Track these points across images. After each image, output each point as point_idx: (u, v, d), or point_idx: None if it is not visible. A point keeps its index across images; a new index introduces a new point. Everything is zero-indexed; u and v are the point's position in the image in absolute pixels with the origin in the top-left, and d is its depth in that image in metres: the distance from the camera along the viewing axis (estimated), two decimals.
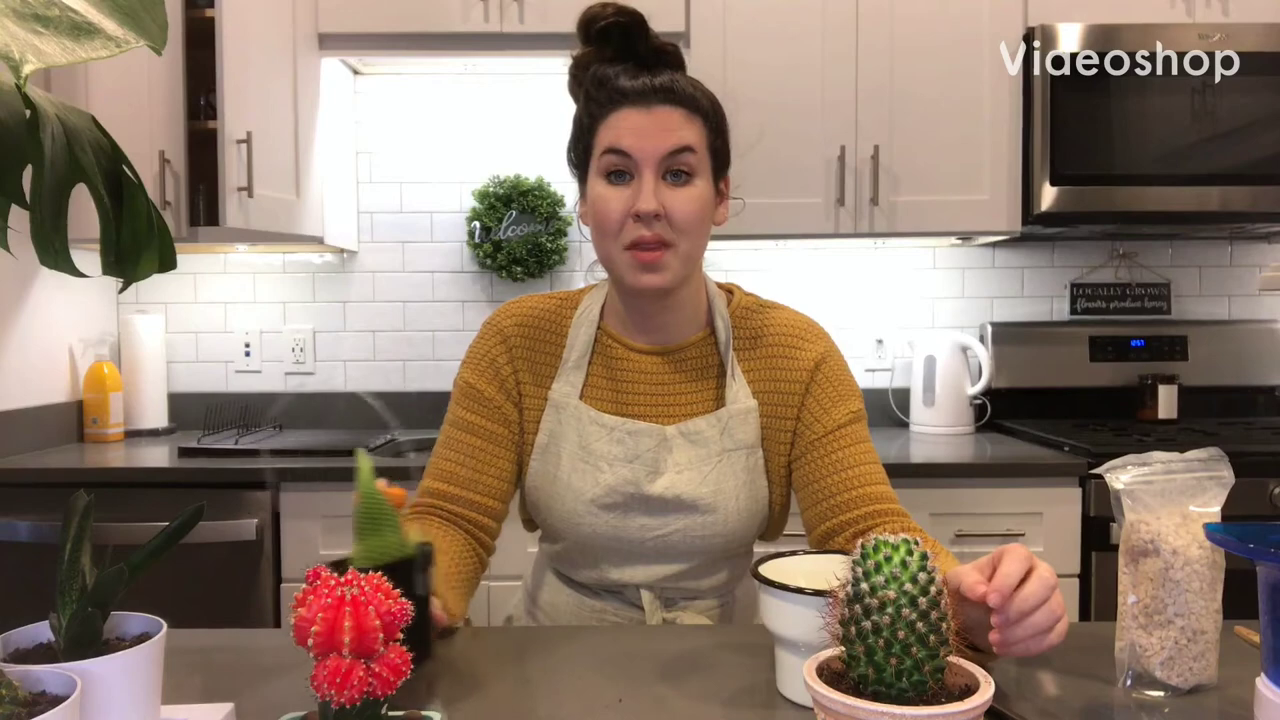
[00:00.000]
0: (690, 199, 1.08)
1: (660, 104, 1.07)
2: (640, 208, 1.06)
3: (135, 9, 0.61)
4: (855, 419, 1.14)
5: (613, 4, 1.09)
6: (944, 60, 2.33)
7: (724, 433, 1.13)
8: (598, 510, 1.12)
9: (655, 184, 1.06)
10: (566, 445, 1.14)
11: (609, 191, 1.08)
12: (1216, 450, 0.84)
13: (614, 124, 1.08)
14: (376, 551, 0.80)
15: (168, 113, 2.25)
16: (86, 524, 0.69)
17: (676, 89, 1.08)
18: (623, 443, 1.13)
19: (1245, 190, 2.28)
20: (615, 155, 1.07)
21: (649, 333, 1.17)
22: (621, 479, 1.12)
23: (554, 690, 0.86)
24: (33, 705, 0.59)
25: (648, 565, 1.15)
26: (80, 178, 0.61)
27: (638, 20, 1.09)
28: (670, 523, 1.12)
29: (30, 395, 2.32)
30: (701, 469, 1.12)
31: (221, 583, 2.07)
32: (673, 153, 1.07)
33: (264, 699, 0.83)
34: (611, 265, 1.12)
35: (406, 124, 2.70)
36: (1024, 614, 0.75)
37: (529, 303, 1.22)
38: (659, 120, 1.07)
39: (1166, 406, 2.53)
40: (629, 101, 1.07)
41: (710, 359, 1.17)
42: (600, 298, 1.21)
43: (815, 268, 2.72)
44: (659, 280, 1.08)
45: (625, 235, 1.07)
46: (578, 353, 1.17)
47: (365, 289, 2.72)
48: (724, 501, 1.12)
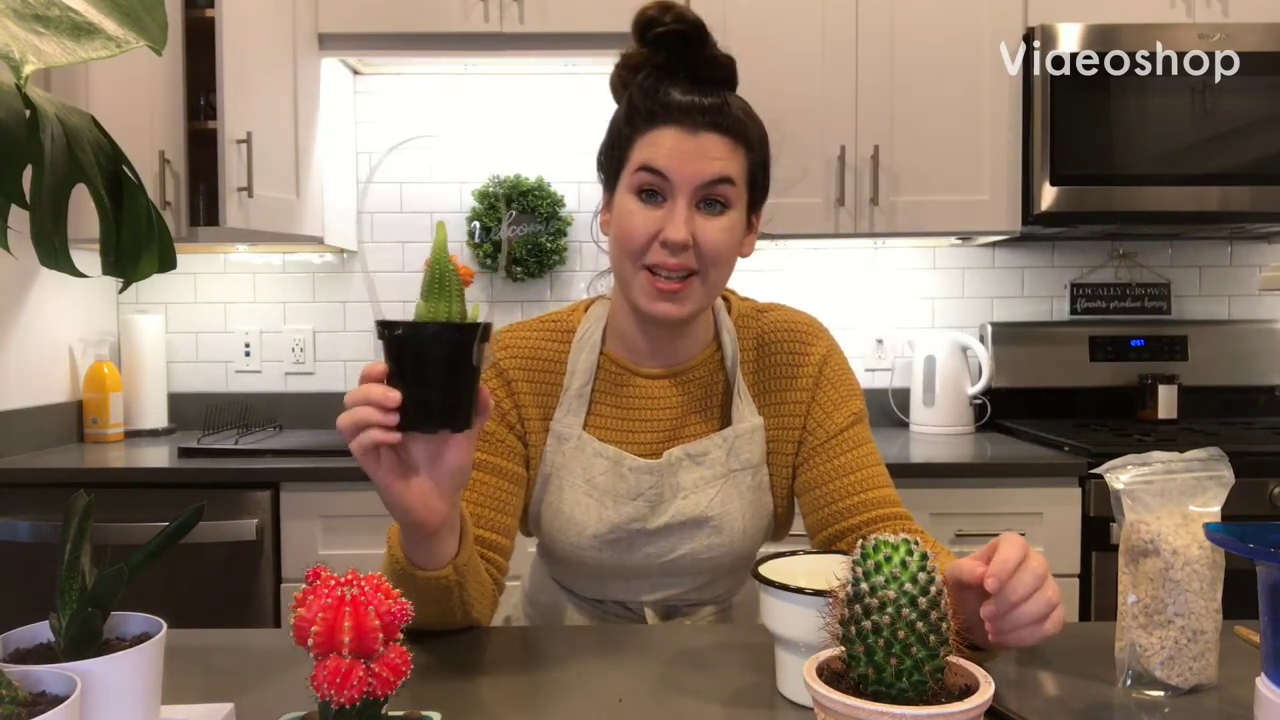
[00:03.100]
0: (721, 230, 1.03)
1: (707, 129, 1.02)
2: (669, 236, 1.01)
3: (135, 9, 0.61)
4: (857, 420, 1.13)
5: (674, 9, 1.03)
6: (944, 60, 2.33)
7: (730, 453, 1.11)
8: (601, 545, 1.10)
9: (688, 212, 1.02)
10: (569, 477, 1.11)
11: (638, 209, 1.03)
12: (1216, 450, 0.84)
13: (654, 140, 1.03)
14: (441, 314, 0.78)
15: (168, 113, 2.25)
16: (86, 524, 0.69)
17: (726, 114, 1.03)
18: (625, 479, 1.10)
19: (1245, 190, 2.28)
20: (650, 174, 1.02)
21: (656, 356, 1.14)
22: (626, 517, 1.09)
23: (554, 690, 0.86)
24: (33, 705, 0.59)
25: (652, 586, 1.14)
26: (80, 178, 0.61)
27: (698, 29, 1.03)
28: (677, 547, 1.11)
29: (30, 395, 2.32)
30: (707, 491, 1.10)
31: (221, 583, 2.07)
32: (710, 182, 1.02)
33: (264, 699, 0.83)
34: (627, 284, 1.07)
35: (406, 124, 2.70)
36: (1015, 602, 0.75)
37: (520, 333, 1.16)
38: (702, 146, 1.02)
39: (1166, 406, 2.53)
40: (674, 119, 1.02)
41: (716, 377, 1.15)
42: (600, 319, 1.16)
43: (815, 268, 2.72)
44: (677, 311, 1.04)
45: (648, 257, 1.03)
46: (580, 380, 1.13)
47: (365, 289, 2.72)
48: (730, 522, 1.11)
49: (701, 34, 1.03)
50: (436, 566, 0.91)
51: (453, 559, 0.92)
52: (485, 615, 1.03)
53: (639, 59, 1.06)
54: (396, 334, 0.78)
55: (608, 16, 2.29)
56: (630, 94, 1.06)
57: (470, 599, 0.97)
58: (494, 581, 1.06)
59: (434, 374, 0.78)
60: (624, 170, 1.06)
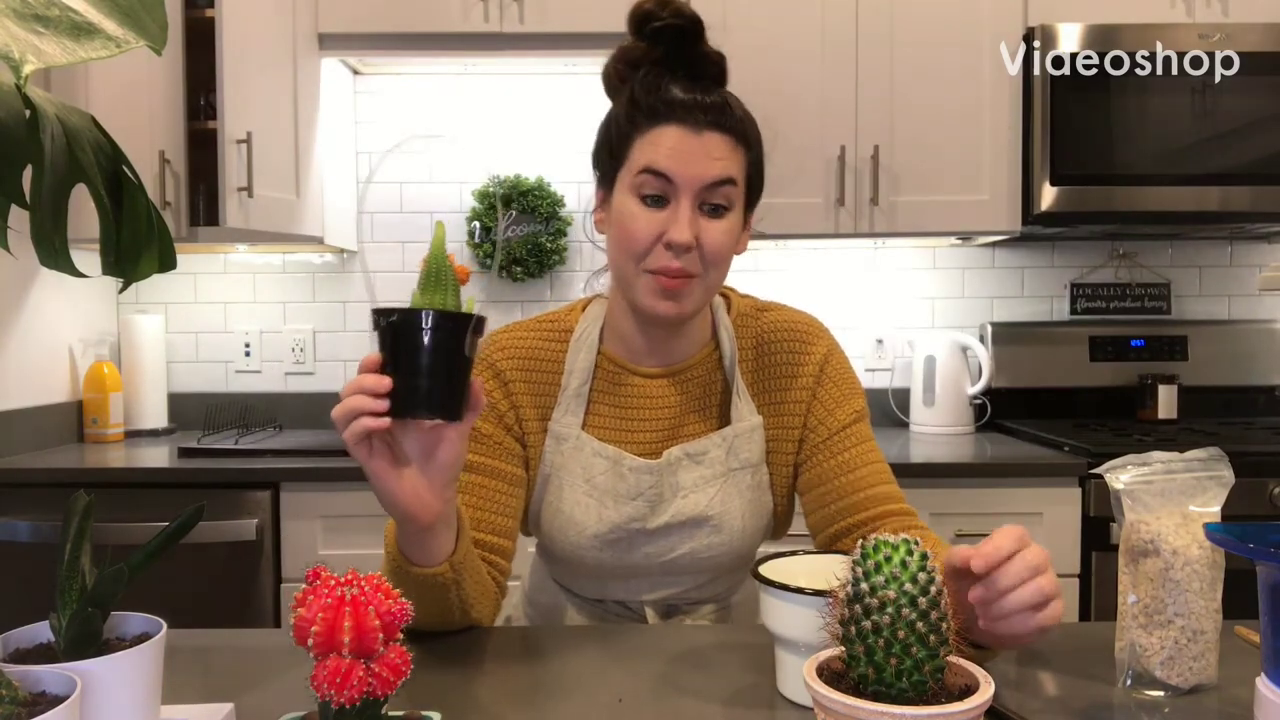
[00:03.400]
0: (723, 231, 1.03)
1: (710, 128, 1.01)
2: (674, 238, 1.00)
3: (135, 9, 0.61)
4: (859, 418, 1.13)
5: (671, 3, 1.02)
6: (944, 60, 2.33)
7: (729, 452, 1.11)
8: (601, 544, 1.10)
9: (692, 214, 1.01)
10: (569, 477, 1.11)
11: (641, 211, 1.02)
12: (1216, 450, 0.84)
13: (657, 139, 1.01)
14: (436, 304, 0.79)
15: (168, 113, 2.25)
16: (86, 524, 0.69)
17: (728, 114, 1.02)
18: (625, 478, 1.09)
19: (1245, 190, 2.28)
20: (654, 176, 1.01)
21: (655, 354, 1.13)
22: (625, 517, 1.09)
23: (554, 690, 0.86)
24: (33, 705, 0.59)
25: (652, 585, 1.14)
26: (80, 178, 0.61)
27: (695, 23, 1.03)
28: (676, 546, 1.11)
29: (30, 395, 2.32)
30: (707, 490, 1.10)
31: (221, 583, 2.07)
32: (714, 184, 1.01)
33: (264, 699, 0.83)
34: (628, 284, 1.06)
35: (406, 124, 2.70)
36: (1004, 589, 0.74)
37: (517, 333, 1.15)
38: (706, 146, 1.01)
39: (1166, 406, 2.53)
40: (677, 118, 1.01)
41: (715, 376, 1.15)
42: (598, 318, 1.15)
43: (815, 268, 2.72)
44: (678, 309, 1.04)
45: (651, 260, 1.02)
46: (578, 380, 1.12)
47: (365, 289, 2.72)
48: (730, 521, 1.11)
49: (698, 29, 1.03)
50: (432, 563, 0.91)
51: (449, 556, 0.92)
52: (486, 616, 1.03)
53: (638, 53, 1.06)
54: (390, 320, 0.79)
55: (608, 16, 2.28)
56: (631, 89, 1.05)
57: (469, 598, 0.96)
58: (495, 583, 1.06)
59: (426, 361, 0.79)
60: (624, 169, 1.05)
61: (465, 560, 0.94)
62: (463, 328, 0.79)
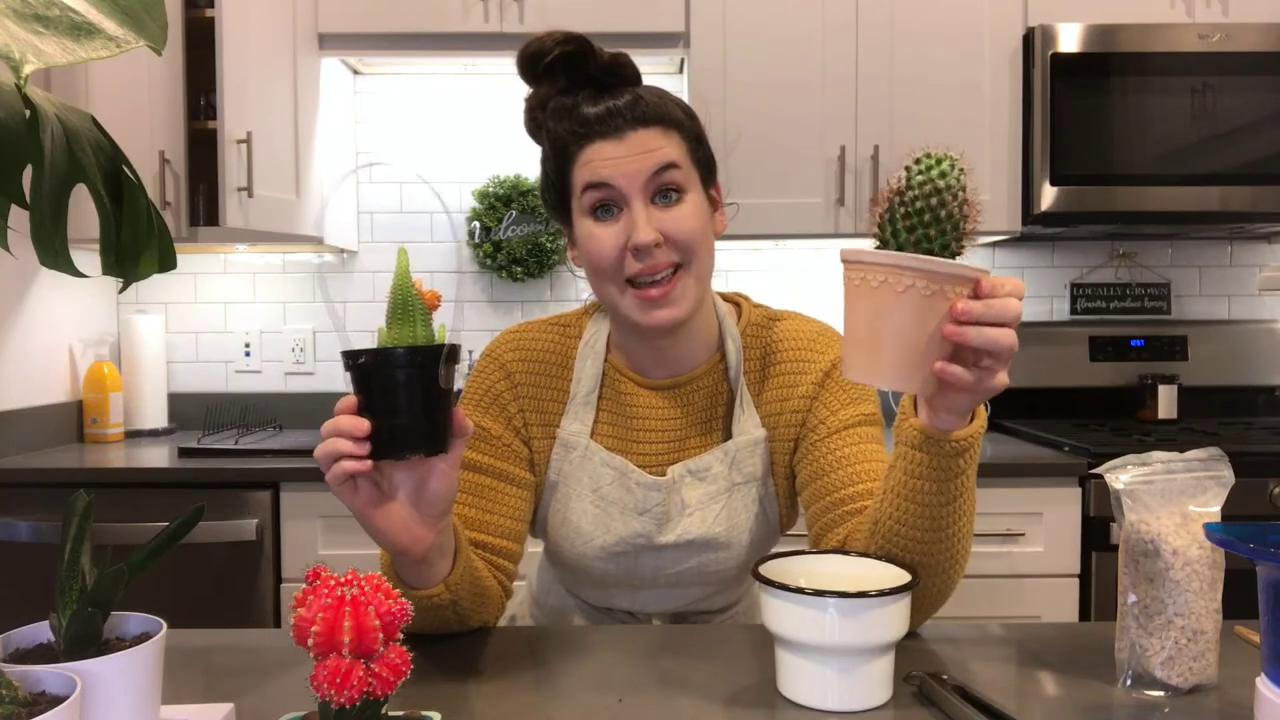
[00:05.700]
0: (687, 215, 1.01)
1: (631, 127, 1.01)
2: (637, 240, 0.99)
3: (135, 9, 0.61)
4: (867, 421, 1.09)
5: (553, 34, 1.03)
6: (944, 60, 2.33)
7: (732, 467, 1.10)
8: (608, 556, 1.10)
9: (647, 211, 1.00)
10: (576, 487, 1.10)
11: (599, 229, 1.02)
12: (1216, 450, 0.84)
13: (587, 159, 1.02)
14: (405, 339, 0.78)
15: (168, 113, 2.25)
16: (86, 524, 0.69)
17: (642, 107, 1.02)
18: (633, 492, 1.08)
19: (1245, 190, 2.28)
20: (598, 190, 1.01)
21: (660, 365, 1.11)
22: (633, 531, 1.08)
23: (554, 690, 0.86)
24: (33, 705, 0.59)
25: (659, 597, 1.14)
26: (80, 178, 0.61)
27: (584, 45, 1.03)
28: (684, 560, 1.10)
29: (30, 395, 2.32)
30: (712, 507, 1.09)
31: (221, 583, 2.07)
32: (657, 172, 1.00)
33: (264, 699, 0.83)
34: (615, 306, 1.04)
35: (406, 124, 2.70)
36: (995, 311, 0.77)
37: (530, 333, 1.14)
38: (634, 144, 1.00)
39: (1166, 406, 2.53)
40: (597, 133, 1.01)
41: (720, 388, 1.13)
42: (605, 325, 1.14)
43: (815, 268, 2.72)
44: (673, 314, 1.02)
45: (625, 271, 1.01)
46: (585, 387, 1.11)
47: (365, 289, 2.72)
48: (737, 536, 1.10)
49: (586, 46, 1.04)
50: (427, 586, 0.91)
51: (444, 578, 0.91)
52: (487, 622, 1.03)
53: (542, 93, 1.07)
54: (360, 363, 0.78)
55: (608, 16, 2.30)
56: (547, 128, 1.06)
57: (466, 613, 0.96)
58: (500, 586, 1.05)
59: (402, 400, 0.77)
60: (572, 199, 1.05)
61: (462, 580, 0.93)
62: (434, 360, 0.77)
